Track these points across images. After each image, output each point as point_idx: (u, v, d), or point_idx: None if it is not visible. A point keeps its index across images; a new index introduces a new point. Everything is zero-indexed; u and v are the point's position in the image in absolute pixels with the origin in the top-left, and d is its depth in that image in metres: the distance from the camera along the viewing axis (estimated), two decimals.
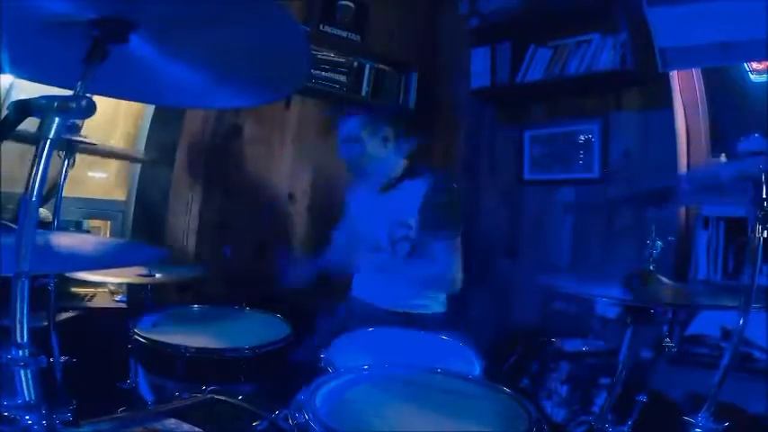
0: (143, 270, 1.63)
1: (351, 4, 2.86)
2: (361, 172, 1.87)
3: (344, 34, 2.86)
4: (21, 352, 0.63)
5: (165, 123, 2.50)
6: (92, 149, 1.67)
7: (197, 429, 0.86)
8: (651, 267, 1.20)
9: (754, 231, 0.83)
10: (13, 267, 0.62)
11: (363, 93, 2.91)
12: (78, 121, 1.57)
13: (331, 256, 1.90)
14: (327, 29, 2.79)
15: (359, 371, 1.12)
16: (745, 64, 2.20)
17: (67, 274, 1.81)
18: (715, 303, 1.18)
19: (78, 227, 2.39)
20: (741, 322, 0.84)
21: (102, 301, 2.29)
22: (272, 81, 0.94)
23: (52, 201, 1.63)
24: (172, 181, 2.48)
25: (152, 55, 0.80)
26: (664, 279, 1.20)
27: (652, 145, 2.38)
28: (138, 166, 2.53)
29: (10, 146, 1.56)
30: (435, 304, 1.86)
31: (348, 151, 1.83)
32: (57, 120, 0.65)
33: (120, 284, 2.28)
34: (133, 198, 2.53)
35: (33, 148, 0.65)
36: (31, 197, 0.64)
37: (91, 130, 1.91)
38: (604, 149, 2.51)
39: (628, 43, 2.27)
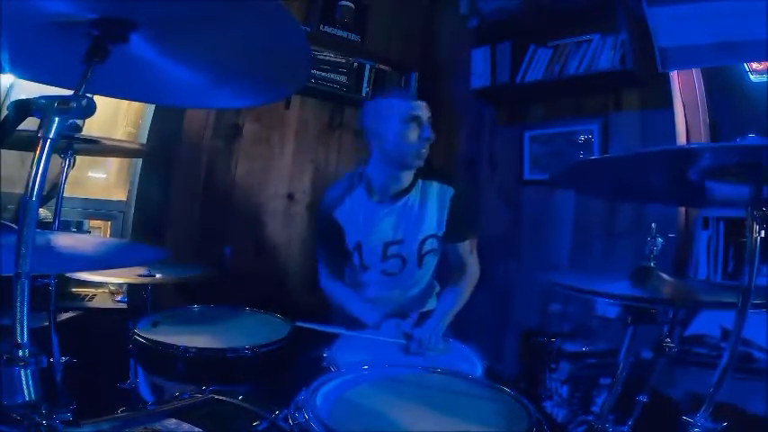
0: (143, 270, 1.63)
1: (351, 5, 2.86)
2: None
3: (344, 34, 2.86)
4: (21, 352, 0.63)
5: (165, 123, 2.50)
6: (93, 148, 1.66)
7: (197, 429, 0.86)
8: (652, 264, 1.20)
9: (752, 231, 0.83)
10: (13, 267, 0.62)
11: (363, 93, 2.91)
12: (79, 121, 1.57)
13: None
14: (327, 29, 2.79)
15: (359, 371, 1.12)
16: (745, 64, 2.20)
17: (68, 275, 1.81)
18: (717, 301, 1.18)
19: (79, 227, 2.39)
20: (739, 322, 0.84)
21: (102, 301, 2.29)
22: (272, 81, 0.94)
23: (52, 201, 1.63)
24: (172, 181, 2.49)
25: (152, 55, 0.80)
26: (665, 276, 1.20)
27: (652, 145, 2.37)
28: (139, 166, 2.54)
29: (9, 146, 1.56)
30: (430, 302, 1.85)
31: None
32: (57, 120, 0.65)
33: (120, 285, 2.29)
34: (133, 198, 2.53)
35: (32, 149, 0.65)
36: (31, 197, 0.64)
37: (92, 129, 1.91)
38: (604, 149, 2.51)
39: (628, 43, 2.27)
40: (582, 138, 2.59)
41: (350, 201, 1.67)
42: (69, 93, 0.68)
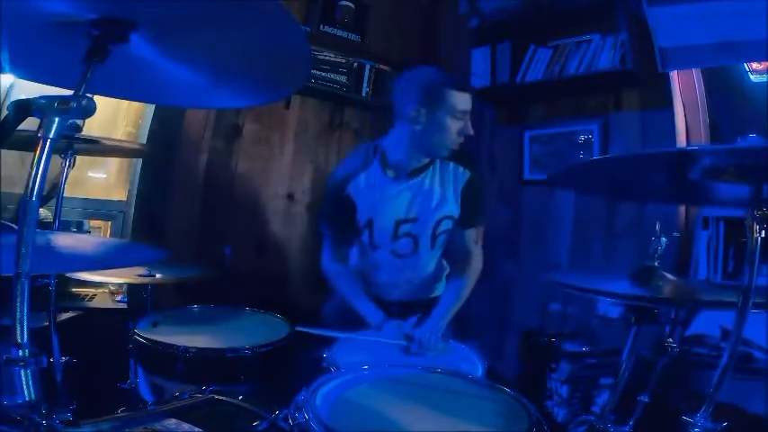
0: (143, 270, 1.63)
1: (351, 4, 2.86)
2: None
3: (344, 34, 2.86)
4: (21, 352, 0.63)
5: (165, 123, 2.50)
6: (93, 148, 1.66)
7: (197, 429, 0.86)
8: (656, 264, 1.19)
9: (752, 231, 0.83)
10: (13, 267, 0.62)
11: (363, 93, 2.91)
12: (79, 121, 1.57)
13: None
14: (327, 29, 2.79)
15: (359, 371, 1.12)
16: (745, 64, 2.20)
17: (68, 275, 1.81)
18: (718, 300, 1.18)
19: (79, 227, 2.39)
20: (739, 322, 0.84)
21: (102, 301, 2.29)
22: (272, 81, 0.94)
23: (52, 201, 1.63)
24: (172, 181, 2.49)
25: (152, 55, 0.80)
26: (668, 275, 1.19)
27: (652, 145, 2.37)
28: (139, 166, 2.54)
29: (9, 146, 1.56)
30: (439, 286, 1.80)
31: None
32: (57, 120, 0.65)
33: (120, 285, 2.28)
34: (133, 198, 2.53)
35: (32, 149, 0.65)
36: (31, 197, 0.64)
37: (92, 129, 1.91)
38: (604, 149, 2.51)
39: (628, 43, 2.27)
40: (582, 138, 2.59)
41: (365, 176, 1.58)
42: (69, 93, 0.68)
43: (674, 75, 2.30)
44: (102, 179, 2.59)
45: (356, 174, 1.59)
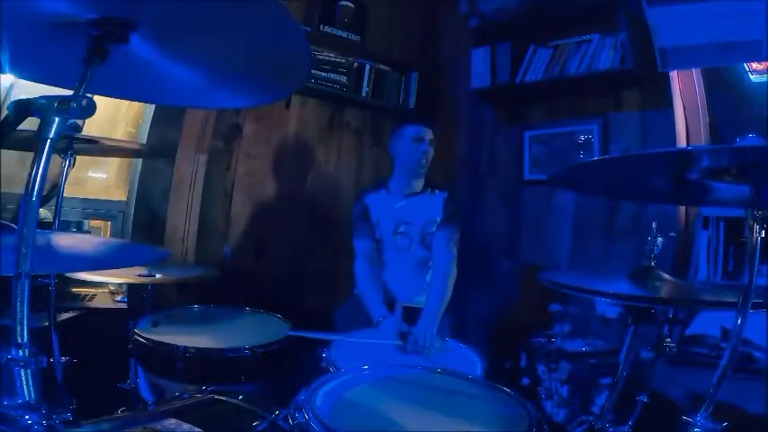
0: (143, 270, 1.63)
1: (351, 5, 2.86)
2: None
3: (344, 34, 2.86)
4: (21, 352, 0.63)
5: (165, 123, 2.50)
6: (93, 148, 1.66)
7: (197, 429, 0.86)
8: (652, 264, 1.19)
9: (752, 231, 0.83)
10: (14, 267, 0.62)
11: (363, 93, 2.91)
12: (79, 121, 1.57)
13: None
14: (327, 29, 2.79)
15: (359, 371, 1.12)
16: (745, 64, 2.20)
17: (68, 275, 1.81)
18: (717, 300, 1.18)
19: (79, 227, 2.39)
20: (740, 322, 0.84)
21: (102, 301, 2.29)
22: (272, 81, 0.94)
23: (52, 201, 1.63)
24: (172, 181, 2.48)
25: (152, 55, 0.80)
26: (665, 275, 1.19)
27: (652, 145, 2.37)
28: (139, 166, 2.54)
29: (9, 146, 1.56)
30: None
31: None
32: (57, 120, 0.65)
33: (120, 285, 2.29)
34: (133, 198, 2.53)
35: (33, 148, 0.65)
36: (31, 197, 0.64)
37: (92, 129, 1.92)
38: (604, 149, 2.51)
39: (627, 43, 2.27)
40: (582, 138, 2.59)
41: (376, 194, 2.13)
42: (69, 93, 0.68)
43: (674, 75, 2.30)
44: (102, 179, 2.59)
45: (371, 193, 2.15)
